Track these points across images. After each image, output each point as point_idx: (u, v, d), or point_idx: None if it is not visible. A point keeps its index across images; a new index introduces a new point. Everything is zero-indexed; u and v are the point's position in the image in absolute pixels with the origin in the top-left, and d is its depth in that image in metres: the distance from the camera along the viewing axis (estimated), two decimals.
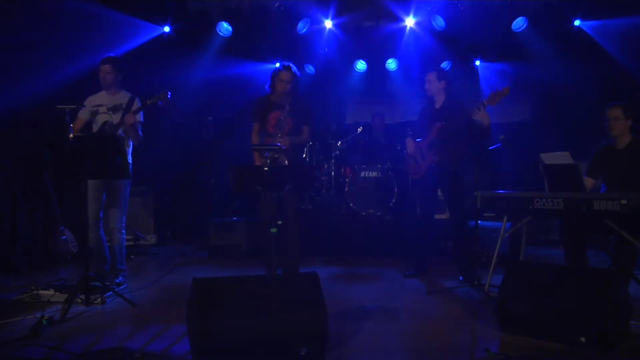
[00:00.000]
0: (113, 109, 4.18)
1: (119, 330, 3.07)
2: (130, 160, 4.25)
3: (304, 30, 6.44)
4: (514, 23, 6.28)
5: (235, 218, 5.92)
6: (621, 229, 3.39)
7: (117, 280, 4.16)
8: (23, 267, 4.75)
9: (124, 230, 4.26)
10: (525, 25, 6.25)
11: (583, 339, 2.68)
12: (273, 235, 3.17)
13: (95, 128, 4.19)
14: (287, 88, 4.18)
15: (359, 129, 6.51)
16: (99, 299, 3.62)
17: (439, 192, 4.85)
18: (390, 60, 7.50)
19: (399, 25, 6.54)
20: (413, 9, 6.22)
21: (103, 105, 4.19)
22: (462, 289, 4.08)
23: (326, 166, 6.47)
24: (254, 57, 7.20)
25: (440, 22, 6.24)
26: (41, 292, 3.73)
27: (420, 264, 4.62)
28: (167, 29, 6.30)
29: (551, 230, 6.19)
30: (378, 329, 3.12)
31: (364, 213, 5.99)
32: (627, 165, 3.82)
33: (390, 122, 7.33)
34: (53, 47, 4.82)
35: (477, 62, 7.37)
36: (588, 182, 3.96)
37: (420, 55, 6.83)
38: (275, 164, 4.07)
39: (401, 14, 6.32)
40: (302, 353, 2.51)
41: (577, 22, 6.23)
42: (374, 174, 6.08)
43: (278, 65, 4.34)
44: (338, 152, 6.47)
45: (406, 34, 6.67)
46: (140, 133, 4.25)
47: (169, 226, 6.76)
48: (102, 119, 4.17)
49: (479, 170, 4.23)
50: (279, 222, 3.21)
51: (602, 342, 2.66)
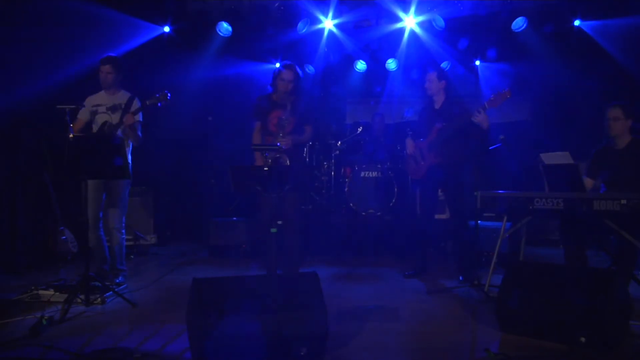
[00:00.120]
0: (112, 108, 4.18)
1: (119, 330, 3.07)
2: (130, 160, 4.26)
3: (304, 31, 6.43)
4: (514, 23, 6.28)
5: (235, 218, 5.93)
6: (621, 229, 3.39)
7: (117, 280, 4.17)
8: (23, 267, 4.75)
9: (124, 230, 4.26)
10: (525, 25, 6.25)
11: (583, 339, 2.68)
12: (273, 235, 3.17)
13: (95, 128, 4.20)
14: (289, 87, 4.17)
15: (359, 129, 6.51)
16: (99, 299, 3.62)
17: (439, 192, 4.85)
18: (390, 60, 7.49)
19: (399, 25, 6.53)
20: (413, 8, 6.21)
21: (102, 105, 4.20)
22: (462, 289, 4.08)
23: (326, 166, 6.46)
24: (254, 57, 7.20)
25: (440, 22, 6.23)
26: (41, 292, 3.73)
27: (420, 264, 4.62)
28: (167, 29, 6.29)
29: (551, 230, 6.19)
30: (378, 329, 3.12)
31: (363, 213, 5.99)
32: (626, 165, 3.82)
33: (390, 122, 7.32)
34: (53, 47, 4.82)
35: (477, 62, 7.37)
36: (587, 182, 3.96)
37: (420, 55, 6.84)
38: (277, 164, 4.06)
39: (401, 14, 6.32)
40: (302, 353, 2.51)
41: (577, 22, 6.22)
42: (374, 174, 6.07)
43: (278, 65, 4.33)
44: (338, 152, 6.47)
45: (406, 34, 6.67)
46: (140, 133, 4.25)
47: (169, 226, 6.76)
48: (101, 119, 4.18)
49: (479, 171, 4.23)
50: (279, 222, 3.21)
51: (602, 342, 2.66)
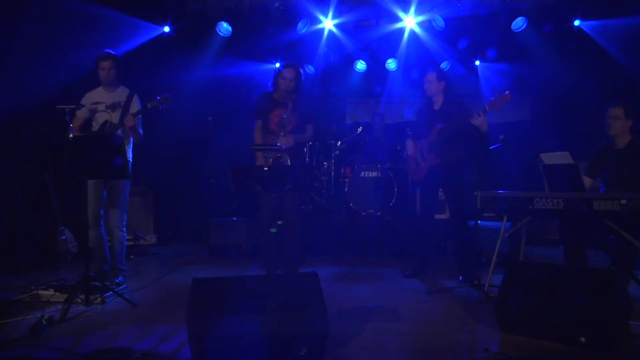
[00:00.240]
0: (112, 106, 4.17)
1: (119, 331, 3.06)
2: (131, 159, 4.26)
3: (304, 31, 6.43)
4: (514, 23, 6.28)
5: (235, 218, 5.93)
6: (621, 229, 3.39)
7: (117, 280, 4.16)
8: (23, 267, 4.75)
9: (125, 229, 4.26)
10: (525, 25, 6.25)
11: (583, 339, 2.68)
12: (273, 235, 3.17)
13: (95, 126, 4.19)
14: (291, 86, 4.17)
15: (359, 129, 6.51)
16: (99, 299, 3.62)
17: (440, 192, 4.85)
18: (390, 60, 7.49)
19: (399, 25, 6.53)
20: (413, 8, 6.21)
21: (102, 102, 4.18)
22: (462, 289, 4.08)
23: (326, 166, 6.46)
24: (254, 57, 7.19)
25: (440, 22, 6.23)
26: (41, 292, 3.72)
27: (420, 264, 4.62)
28: (166, 29, 6.29)
29: (551, 230, 6.19)
30: (378, 329, 3.12)
31: (363, 213, 5.99)
32: (626, 165, 3.82)
33: (390, 122, 7.33)
34: (53, 47, 4.81)
35: (477, 62, 7.37)
36: (586, 181, 3.96)
37: (420, 55, 6.84)
38: (278, 163, 4.06)
39: (401, 14, 6.32)
40: (302, 353, 2.51)
41: (577, 22, 6.23)
42: (374, 174, 6.07)
43: (279, 65, 4.33)
44: (338, 152, 6.47)
45: (406, 34, 6.67)
46: (141, 131, 4.25)
47: (169, 226, 6.76)
48: (101, 117, 4.16)
49: (479, 171, 4.23)
50: (279, 222, 3.21)
51: (602, 342, 2.66)
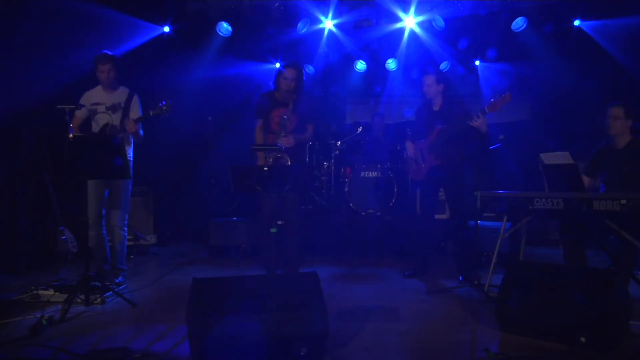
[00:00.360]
0: (112, 108, 4.16)
1: (119, 330, 3.07)
2: (131, 158, 4.25)
3: (304, 31, 6.43)
4: (514, 23, 6.28)
5: (235, 218, 5.93)
6: (621, 229, 3.39)
7: (117, 280, 4.16)
8: (23, 267, 4.74)
9: (126, 229, 4.26)
10: (525, 25, 6.25)
11: (583, 339, 2.68)
12: (273, 235, 3.18)
13: (96, 127, 4.18)
14: (292, 86, 4.17)
15: (359, 129, 6.52)
16: (99, 299, 3.62)
17: (440, 192, 4.85)
18: (390, 60, 7.49)
19: (399, 25, 6.53)
20: (413, 8, 6.21)
21: (102, 104, 4.17)
22: (462, 289, 4.08)
23: (326, 166, 6.46)
24: (254, 57, 7.19)
25: (440, 22, 6.23)
26: (41, 292, 3.72)
27: (420, 264, 4.62)
28: (166, 29, 6.29)
29: (551, 230, 6.19)
30: (378, 329, 3.12)
31: (363, 213, 5.99)
32: (626, 165, 3.82)
33: (390, 122, 7.33)
34: (53, 47, 4.81)
35: (477, 62, 7.37)
36: (584, 180, 3.96)
37: (420, 55, 6.83)
38: (278, 163, 4.06)
39: (401, 14, 6.32)
40: (302, 353, 2.51)
41: (577, 22, 6.23)
42: (374, 174, 6.07)
43: (279, 65, 4.33)
44: (338, 152, 6.47)
45: (406, 34, 6.66)
46: (141, 132, 4.24)
47: (169, 226, 6.76)
48: (102, 119, 4.16)
49: (479, 171, 4.23)
50: (279, 222, 3.21)
51: (602, 342, 2.66)
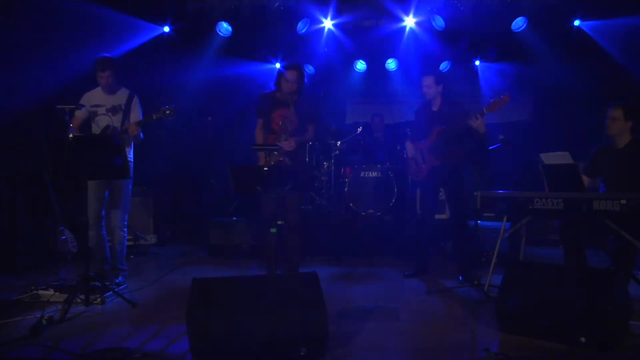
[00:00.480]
0: (112, 110, 4.16)
1: (119, 330, 3.07)
2: (132, 159, 4.25)
3: (304, 30, 6.43)
4: (514, 23, 6.28)
5: (235, 218, 5.93)
6: (621, 229, 3.39)
7: (117, 280, 4.16)
8: (23, 267, 4.75)
9: (126, 229, 4.26)
10: (525, 25, 6.25)
11: (583, 339, 2.68)
12: (273, 235, 3.17)
13: (96, 129, 4.17)
14: (294, 88, 4.16)
15: (359, 129, 6.51)
16: (99, 299, 3.62)
17: (440, 192, 4.85)
18: (390, 60, 7.49)
19: (399, 25, 6.54)
20: (413, 8, 6.22)
21: (102, 105, 4.17)
22: (462, 289, 4.08)
23: (326, 166, 6.46)
24: (254, 57, 7.19)
25: (440, 22, 6.24)
26: (41, 292, 3.72)
27: (420, 264, 4.62)
28: (166, 29, 6.29)
29: (551, 230, 6.19)
30: (378, 329, 3.12)
31: (363, 213, 5.98)
32: (626, 165, 3.82)
33: (390, 122, 7.33)
34: (53, 47, 4.82)
35: (477, 62, 7.37)
36: (584, 180, 3.96)
37: (420, 55, 6.84)
38: (278, 164, 4.05)
39: (401, 14, 6.32)
40: (302, 353, 2.51)
41: (577, 22, 6.23)
42: (374, 174, 6.07)
43: (279, 66, 4.32)
44: (338, 152, 6.47)
45: (406, 34, 6.67)
46: (141, 134, 4.24)
47: (169, 226, 6.76)
48: (102, 121, 4.15)
49: (479, 171, 4.23)
50: (279, 222, 3.21)
51: (602, 342, 2.66)
